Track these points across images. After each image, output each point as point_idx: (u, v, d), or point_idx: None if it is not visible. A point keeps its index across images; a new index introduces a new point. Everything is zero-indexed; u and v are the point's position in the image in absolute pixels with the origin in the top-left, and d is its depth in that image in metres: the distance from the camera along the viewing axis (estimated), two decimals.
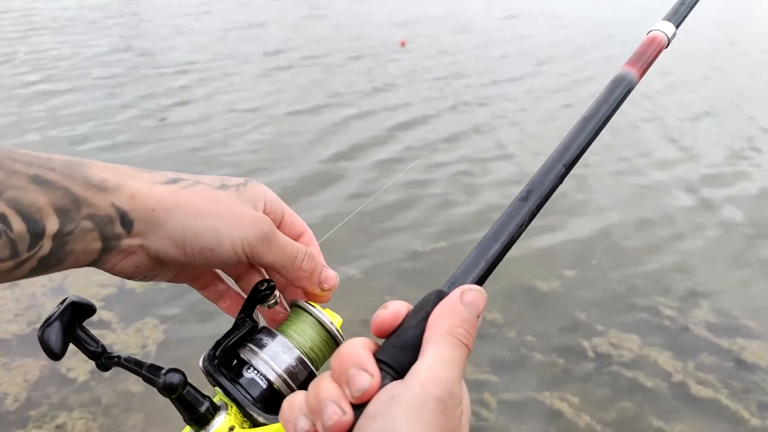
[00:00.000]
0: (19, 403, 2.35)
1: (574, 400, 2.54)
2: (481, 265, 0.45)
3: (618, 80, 0.56)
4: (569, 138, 0.52)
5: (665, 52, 0.62)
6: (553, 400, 2.54)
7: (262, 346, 0.52)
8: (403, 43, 7.72)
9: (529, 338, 2.86)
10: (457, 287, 0.42)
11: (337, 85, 6.01)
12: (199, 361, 0.51)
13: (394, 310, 0.42)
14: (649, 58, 0.59)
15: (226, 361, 0.52)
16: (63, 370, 2.48)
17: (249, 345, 0.52)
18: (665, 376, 2.71)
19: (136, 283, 2.96)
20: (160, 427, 2.26)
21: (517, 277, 3.23)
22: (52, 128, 4.72)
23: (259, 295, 0.56)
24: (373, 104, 5.56)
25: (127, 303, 2.87)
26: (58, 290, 2.88)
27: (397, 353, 0.40)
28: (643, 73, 0.58)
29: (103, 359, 0.51)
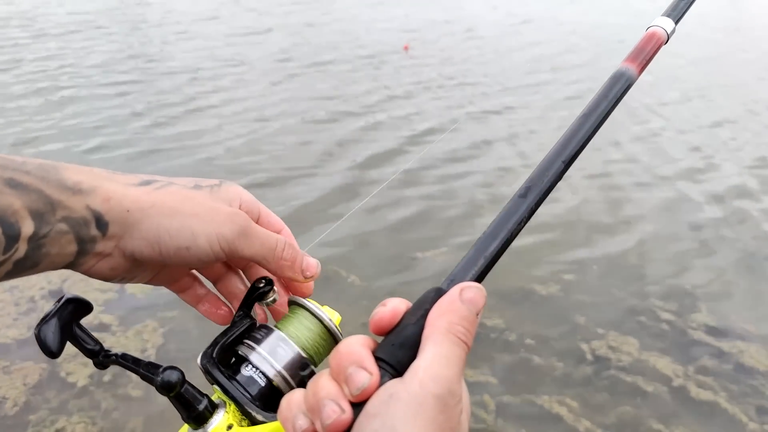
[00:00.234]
0: (18, 408, 2.34)
1: (574, 404, 2.54)
2: (480, 263, 0.44)
3: (617, 76, 0.56)
4: (568, 134, 0.51)
5: (666, 51, 0.61)
6: (552, 403, 2.54)
7: (261, 343, 0.51)
8: (406, 48, 7.76)
9: (528, 341, 2.86)
10: (456, 284, 0.42)
11: (345, 92, 6.01)
12: (197, 359, 0.51)
13: (393, 307, 0.42)
14: (648, 54, 0.58)
15: (225, 359, 0.52)
16: (62, 374, 2.48)
17: (247, 342, 0.52)
18: (664, 379, 2.71)
19: (135, 287, 2.96)
20: None
21: (517, 281, 3.23)
22: (62, 137, 4.69)
23: (258, 293, 0.55)
24: (382, 111, 5.55)
25: (127, 306, 2.87)
26: (58, 293, 2.88)
27: (396, 351, 0.40)
28: (643, 69, 0.57)
29: (101, 357, 0.51)
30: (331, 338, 0.53)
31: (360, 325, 2.38)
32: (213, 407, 0.50)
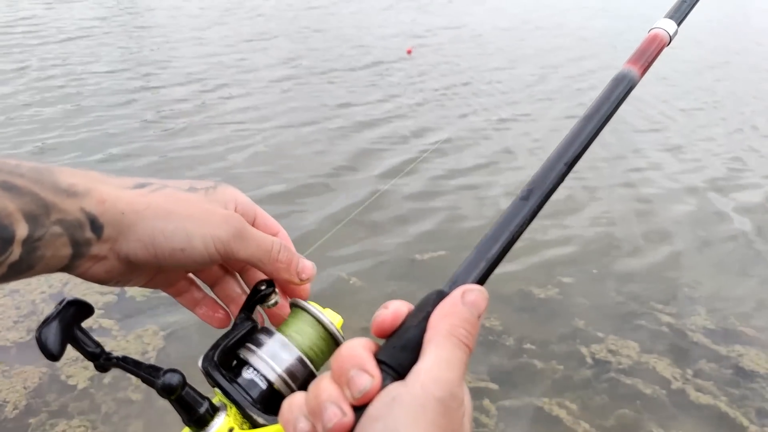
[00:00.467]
0: (18, 411, 2.35)
1: (573, 407, 2.54)
2: (482, 265, 0.44)
3: (619, 78, 0.55)
4: (570, 137, 0.51)
5: (669, 50, 0.61)
6: (552, 406, 2.54)
7: (262, 346, 0.51)
8: (409, 51, 7.78)
9: (527, 345, 2.86)
10: (458, 287, 0.42)
11: (348, 97, 5.99)
12: (198, 362, 0.50)
13: (395, 309, 0.42)
14: (650, 56, 0.58)
15: (226, 362, 0.51)
16: (63, 378, 2.48)
17: (248, 345, 0.52)
18: (664, 382, 2.71)
19: (136, 290, 2.97)
20: None
21: (516, 285, 3.24)
22: (73, 147, 4.65)
23: (259, 295, 0.55)
24: (384, 115, 5.55)
25: (127, 310, 2.87)
26: (58, 297, 2.88)
27: (398, 354, 0.40)
28: (645, 71, 0.57)
29: (102, 360, 0.50)
30: (333, 341, 0.53)
31: (360, 330, 2.38)
32: (214, 410, 0.49)
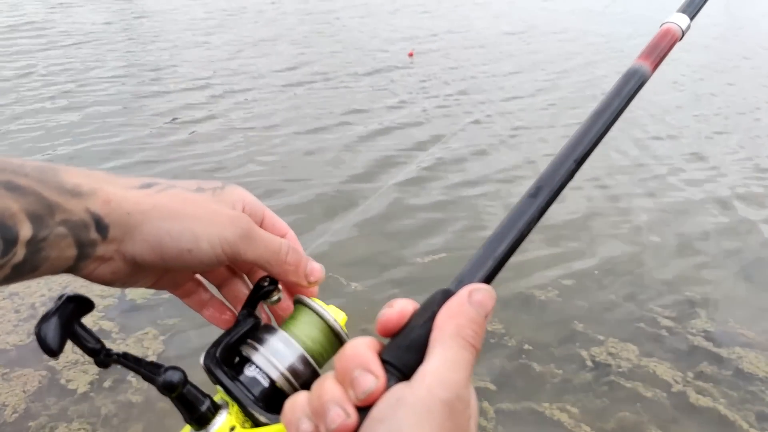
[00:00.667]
0: (18, 414, 2.34)
1: (573, 410, 2.54)
2: (489, 264, 0.43)
3: (630, 74, 0.54)
4: (580, 133, 0.50)
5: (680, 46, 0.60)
6: (552, 410, 2.54)
7: (265, 343, 0.50)
8: (411, 54, 7.79)
9: (527, 347, 2.86)
10: (465, 286, 0.41)
11: (354, 103, 5.97)
12: (200, 358, 0.50)
13: (400, 308, 0.41)
14: (662, 52, 0.56)
15: (228, 359, 0.51)
16: (62, 381, 2.48)
17: (251, 342, 0.51)
18: (664, 385, 2.71)
19: (136, 294, 2.97)
20: None
21: (516, 287, 3.24)
22: (73, 144, 4.67)
23: (262, 291, 0.54)
24: (389, 121, 5.53)
25: (127, 313, 2.87)
26: None
27: (403, 354, 0.39)
28: (656, 67, 0.55)
29: (102, 356, 0.49)
30: (337, 339, 0.52)
31: (360, 332, 2.38)
32: (215, 408, 0.49)
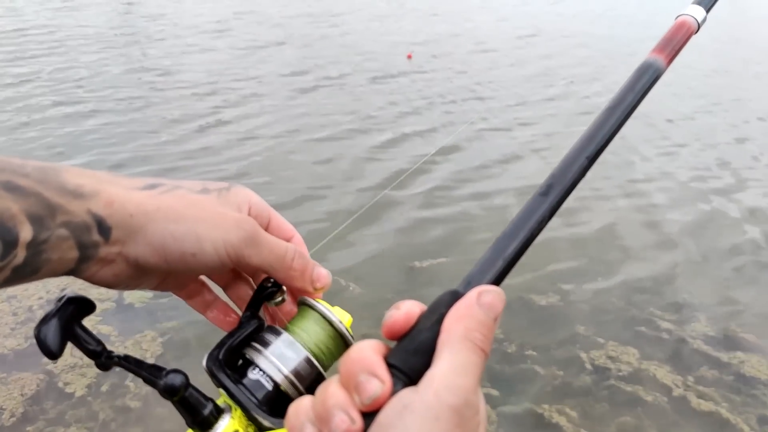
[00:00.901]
0: (15, 418, 2.33)
1: (574, 414, 2.53)
2: (499, 264, 0.41)
3: (644, 68, 0.52)
4: (593, 129, 0.48)
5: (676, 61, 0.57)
6: (552, 413, 2.53)
7: (268, 346, 0.49)
8: (409, 56, 7.80)
9: (528, 351, 2.85)
10: (474, 287, 0.40)
11: (359, 108, 5.95)
12: (203, 361, 0.49)
13: (407, 310, 0.40)
14: (677, 45, 0.54)
15: (231, 361, 0.50)
16: (60, 385, 2.47)
17: (254, 345, 0.50)
18: (664, 389, 2.70)
19: (134, 297, 2.96)
20: None
21: (516, 291, 3.23)
22: (80, 153, 4.63)
23: (266, 293, 0.54)
24: (396, 126, 5.51)
25: (126, 316, 2.86)
26: None
27: (410, 357, 0.38)
28: (671, 60, 0.54)
29: (103, 358, 0.49)
30: (342, 341, 0.51)
31: (361, 337, 2.36)
32: (218, 412, 0.48)
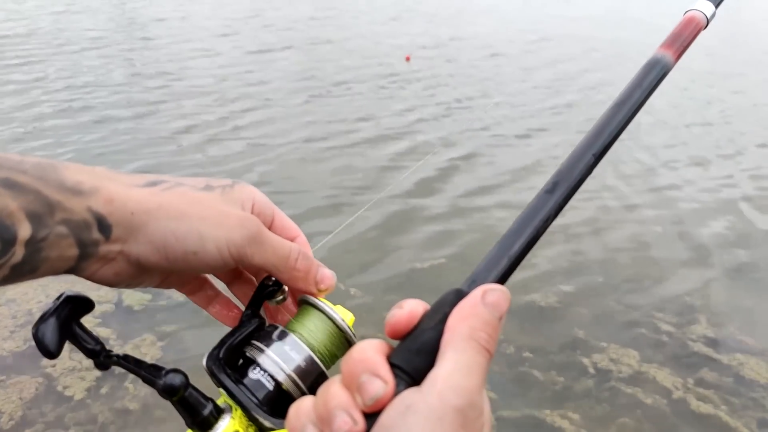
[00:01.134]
0: (14, 422, 2.32)
1: (575, 417, 2.53)
2: (504, 263, 0.41)
3: (652, 63, 0.51)
4: (600, 125, 0.47)
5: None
6: (553, 417, 2.52)
7: (270, 345, 0.49)
8: (408, 58, 7.81)
9: (528, 355, 2.85)
10: (478, 286, 0.39)
11: (360, 110, 5.94)
12: (203, 360, 0.48)
13: (410, 309, 0.39)
14: (686, 40, 0.54)
15: (232, 360, 0.49)
16: (59, 388, 2.46)
17: (255, 344, 0.49)
18: (665, 392, 2.70)
19: (133, 300, 2.95)
20: None
21: (516, 294, 3.22)
22: (87, 161, 4.59)
23: (266, 291, 0.53)
24: (396, 128, 5.50)
25: (125, 319, 2.86)
26: None
27: (413, 357, 0.37)
28: (680, 56, 0.53)
29: (102, 358, 0.48)
30: (345, 340, 0.51)
31: (362, 339, 2.37)
32: (218, 412, 0.47)
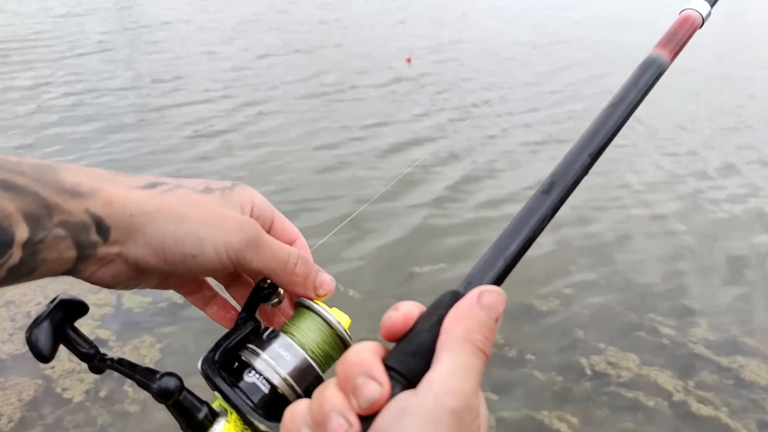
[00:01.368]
0: (13, 424, 2.32)
1: (574, 420, 2.52)
2: (500, 264, 0.41)
3: (648, 63, 0.51)
4: (595, 125, 0.47)
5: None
6: (552, 419, 2.52)
7: (265, 348, 0.49)
8: (409, 60, 7.81)
9: (527, 357, 2.85)
10: (474, 288, 0.39)
11: (366, 114, 5.91)
12: (198, 363, 0.48)
13: (406, 311, 0.39)
14: (681, 40, 0.54)
15: (227, 364, 0.49)
16: (58, 390, 2.46)
17: (251, 347, 0.49)
18: (665, 394, 2.69)
19: (133, 302, 2.95)
20: None
21: (516, 296, 3.22)
22: (90, 162, 4.58)
23: (262, 294, 0.53)
24: (402, 133, 5.48)
25: (124, 321, 2.85)
26: None
27: (409, 360, 0.37)
28: (675, 56, 0.53)
29: (96, 361, 0.48)
30: (341, 342, 0.51)
31: (359, 341, 2.36)
32: (213, 416, 0.47)
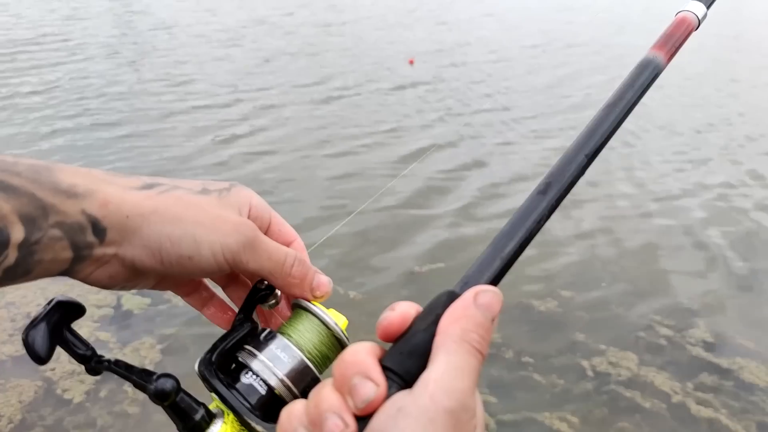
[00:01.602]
0: (13, 425, 2.32)
1: (574, 420, 2.52)
2: (497, 264, 0.41)
3: (644, 64, 0.51)
4: (592, 126, 0.47)
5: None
6: (552, 420, 2.52)
7: (262, 349, 0.49)
8: (411, 62, 7.81)
9: (527, 358, 2.85)
10: (471, 288, 0.39)
11: (375, 120, 5.91)
12: (195, 365, 0.48)
13: (402, 311, 0.40)
14: (677, 41, 0.54)
15: (224, 365, 0.49)
16: (58, 391, 2.46)
17: (248, 348, 0.49)
18: (664, 396, 2.69)
19: (132, 303, 2.95)
20: None
21: (516, 297, 3.23)
22: (96, 166, 4.54)
23: (259, 295, 0.53)
24: (405, 137, 5.48)
25: (124, 323, 2.85)
26: None
27: (405, 360, 0.37)
28: (671, 57, 0.53)
29: (93, 363, 0.48)
30: (338, 344, 0.51)
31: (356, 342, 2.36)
32: (210, 417, 0.47)
